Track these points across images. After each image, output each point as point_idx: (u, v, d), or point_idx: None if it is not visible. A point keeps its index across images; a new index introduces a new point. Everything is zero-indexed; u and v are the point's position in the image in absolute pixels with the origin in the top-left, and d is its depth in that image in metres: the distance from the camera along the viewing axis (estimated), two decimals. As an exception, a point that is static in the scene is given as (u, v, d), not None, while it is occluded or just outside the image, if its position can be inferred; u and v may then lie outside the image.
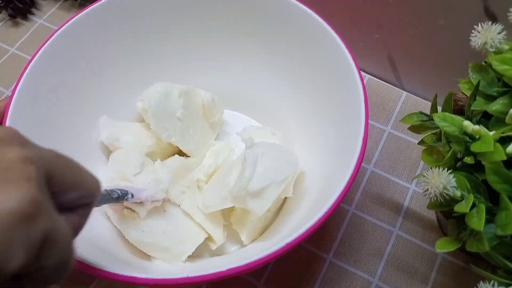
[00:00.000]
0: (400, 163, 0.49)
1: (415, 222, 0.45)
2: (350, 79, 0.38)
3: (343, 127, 0.39)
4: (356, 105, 0.36)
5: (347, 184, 0.33)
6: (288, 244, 0.30)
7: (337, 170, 0.36)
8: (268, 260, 0.30)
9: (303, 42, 0.43)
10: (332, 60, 0.40)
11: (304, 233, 0.31)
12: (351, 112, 0.37)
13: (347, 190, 0.32)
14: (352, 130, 0.36)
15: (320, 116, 0.43)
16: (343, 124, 0.39)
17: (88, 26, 0.42)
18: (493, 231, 0.29)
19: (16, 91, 0.37)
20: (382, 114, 0.52)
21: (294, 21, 0.42)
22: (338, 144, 0.39)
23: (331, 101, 0.42)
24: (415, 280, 0.42)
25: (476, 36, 0.32)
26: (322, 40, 0.41)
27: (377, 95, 0.53)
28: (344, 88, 0.39)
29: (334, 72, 0.40)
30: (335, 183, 0.33)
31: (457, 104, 0.37)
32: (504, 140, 0.30)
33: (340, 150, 0.38)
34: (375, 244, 0.44)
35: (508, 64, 0.31)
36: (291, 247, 0.30)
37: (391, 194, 0.47)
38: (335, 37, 0.39)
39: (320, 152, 0.42)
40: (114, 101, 0.47)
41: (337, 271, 0.43)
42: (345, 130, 0.38)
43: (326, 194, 0.34)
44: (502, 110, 0.31)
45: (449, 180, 0.30)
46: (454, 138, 0.32)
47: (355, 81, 0.37)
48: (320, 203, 0.34)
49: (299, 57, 0.44)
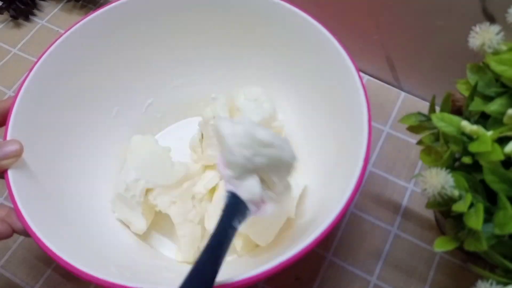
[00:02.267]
0: (399, 163, 0.49)
1: (414, 222, 0.46)
2: (351, 85, 0.37)
3: (344, 137, 0.39)
4: (358, 115, 0.36)
5: (353, 191, 0.32)
6: (302, 250, 0.30)
7: (340, 179, 0.36)
8: (282, 267, 0.30)
9: (301, 47, 0.43)
10: (331, 66, 0.40)
11: (321, 235, 0.30)
12: (353, 121, 0.37)
13: (353, 196, 0.32)
14: (354, 140, 0.35)
15: (321, 125, 0.43)
16: (345, 133, 0.38)
17: (92, 31, 0.43)
18: (491, 230, 0.29)
19: (20, 92, 0.38)
20: (381, 115, 0.52)
21: (290, 26, 0.42)
22: (341, 152, 0.39)
23: (332, 110, 0.41)
24: (413, 279, 0.43)
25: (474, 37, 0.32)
26: (321, 45, 0.40)
27: (375, 96, 0.54)
28: (345, 94, 0.39)
29: (334, 78, 0.40)
30: (338, 194, 0.33)
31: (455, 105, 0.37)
32: (502, 140, 0.31)
33: (343, 156, 0.38)
34: (373, 243, 0.45)
35: (506, 65, 0.31)
36: (305, 253, 0.30)
37: (389, 194, 0.47)
38: (333, 41, 0.39)
39: (322, 159, 0.42)
40: (119, 104, 0.47)
41: (336, 270, 0.43)
42: (347, 139, 0.38)
43: (329, 204, 0.34)
44: (500, 110, 0.32)
45: (448, 180, 0.30)
46: (452, 138, 0.33)
47: (356, 88, 0.37)
48: (323, 214, 0.34)
49: (297, 64, 0.44)
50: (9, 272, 0.44)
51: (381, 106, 0.53)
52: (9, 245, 0.45)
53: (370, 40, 0.52)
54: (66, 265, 0.30)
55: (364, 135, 0.34)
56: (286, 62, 0.46)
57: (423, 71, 0.51)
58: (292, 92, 0.47)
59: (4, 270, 0.44)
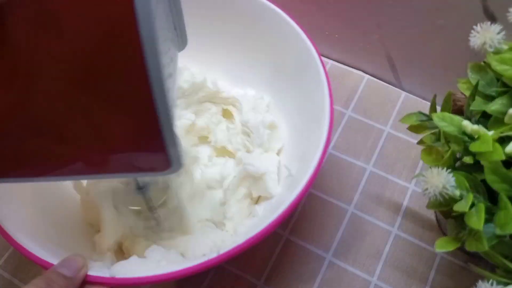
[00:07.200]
0: (399, 163, 0.49)
1: (414, 222, 0.46)
2: (312, 67, 0.40)
3: (308, 116, 0.41)
4: (320, 95, 0.38)
5: (314, 171, 0.34)
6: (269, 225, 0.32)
7: (307, 155, 0.38)
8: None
9: (266, 34, 0.45)
10: (293, 48, 0.42)
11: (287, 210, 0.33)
12: (316, 101, 0.39)
13: (314, 176, 0.34)
14: (317, 117, 0.38)
15: (289, 106, 0.46)
16: (309, 113, 0.41)
17: None
18: (492, 230, 0.29)
19: None
20: (381, 114, 0.52)
21: (252, 13, 0.44)
22: (305, 129, 0.42)
23: (297, 93, 0.44)
24: (414, 280, 0.43)
25: (475, 36, 0.32)
26: (283, 31, 0.43)
27: (376, 95, 0.54)
28: (308, 77, 0.41)
29: (298, 62, 0.43)
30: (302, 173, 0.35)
31: (456, 104, 0.37)
32: (503, 140, 0.30)
33: (307, 132, 0.41)
34: (374, 244, 0.45)
35: (507, 64, 0.31)
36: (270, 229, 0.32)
37: (390, 194, 0.47)
38: (294, 27, 0.41)
39: (290, 135, 0.45)
40: None
41: (336, 271, 0.43)
42: (311, 116, 0.40)
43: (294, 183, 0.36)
44: (501, 110, 0.31)
45: (449, 180, 0.30)
46: (453, 138, 0.32)
47: (317, 70, 0.39)
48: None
49: (263, 49, 0.46)
50: (8, 272, 0.44)
51: (382, 106, 0.53)
52: (7, 245, 0.45)
53: (371, 40, 0.52)
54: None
55: (326, 110, 0.37)
56: (256, 49, 0.47)
57: (424, 70, 0.51)
58: (258, 75, 0.48)
59: (4, 271, 0.44)
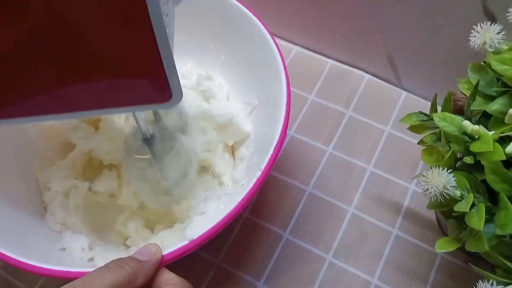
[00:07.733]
0: (400, 163, 0.49)
1: (415, 222, 0.45)
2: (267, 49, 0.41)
3: (267, 96, 0.42)
4: (276, 73, 0.39)
5: (272, 154, 0.35)
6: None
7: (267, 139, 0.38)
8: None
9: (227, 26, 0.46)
10: (251, 36, 0.43)
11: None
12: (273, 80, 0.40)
13: (273, 161, 0.35)
14: (276, 99, 0.39)
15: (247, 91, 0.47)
16: (268, 94, 0.42)
17: None
18: (493, 230, 0.29)
19: None
20: (382, 114, 0.52)
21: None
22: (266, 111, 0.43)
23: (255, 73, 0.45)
24: (414, 280, 0.42)
25: (475, 36, 0.32)
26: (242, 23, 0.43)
27: (376, 95, 0.54)
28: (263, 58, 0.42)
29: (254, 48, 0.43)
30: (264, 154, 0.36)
31: (457, 104, 0.37)
32: (503, 140, 0.30)
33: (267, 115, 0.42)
34: (374, 244, 0.44)
35: (507, 64, 0.31)
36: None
37: (390, 194, 0.47)
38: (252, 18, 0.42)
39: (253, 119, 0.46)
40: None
41: (337, 271, 0.43)
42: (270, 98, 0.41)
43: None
44: (501, 110, 0.31)
45: (449, 180, 0.30)
46: (453, 138, 0.32)
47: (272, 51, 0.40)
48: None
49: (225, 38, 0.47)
50: (8, 273, 0.44)
51: (382, 106, 0.53)
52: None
53: (371, 40, 0.52)
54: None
55: (283, 84, 0.39)
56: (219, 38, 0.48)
57: (424, 70, 0.51)
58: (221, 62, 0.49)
59: (3, 271, 0.44)
